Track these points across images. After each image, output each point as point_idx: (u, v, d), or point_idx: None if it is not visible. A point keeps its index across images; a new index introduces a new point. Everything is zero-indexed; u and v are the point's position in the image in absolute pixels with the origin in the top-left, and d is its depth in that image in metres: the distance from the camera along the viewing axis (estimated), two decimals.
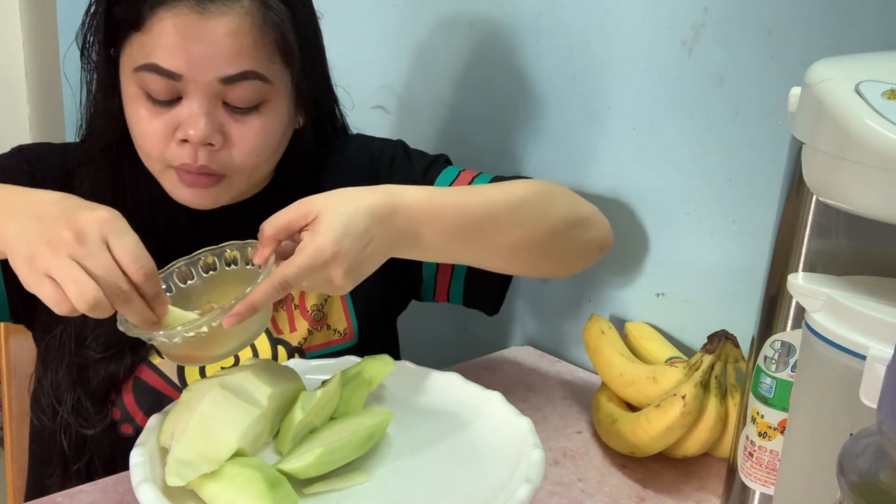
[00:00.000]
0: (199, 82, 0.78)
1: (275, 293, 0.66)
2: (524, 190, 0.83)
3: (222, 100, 0.80)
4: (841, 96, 0.56)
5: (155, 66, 0.78)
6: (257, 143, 0.82)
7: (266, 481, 0.62)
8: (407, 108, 1.25)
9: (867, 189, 0.55)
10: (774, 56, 0.85)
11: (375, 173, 0.95)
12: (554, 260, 0.87)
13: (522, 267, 0.86)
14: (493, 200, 0.79)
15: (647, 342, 0.95)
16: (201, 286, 0.73)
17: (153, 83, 0.78)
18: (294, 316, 0.90)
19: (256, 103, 0.81)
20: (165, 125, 0.80)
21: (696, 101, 0.92)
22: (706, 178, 0.93)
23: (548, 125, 1.07)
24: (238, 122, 0.81)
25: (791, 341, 0.65)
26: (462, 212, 0.77)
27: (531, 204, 0.82)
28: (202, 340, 0.66)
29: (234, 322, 0.64)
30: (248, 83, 0.79)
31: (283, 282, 0.66)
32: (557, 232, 0.84)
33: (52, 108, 1.90)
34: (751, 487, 0.70)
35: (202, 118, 0.78)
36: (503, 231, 0.79)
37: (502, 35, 1.10)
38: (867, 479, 0.34)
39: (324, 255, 0.67)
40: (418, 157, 0.97)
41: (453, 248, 0.78)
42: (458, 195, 0.79)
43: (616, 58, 0.99)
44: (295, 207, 0.70)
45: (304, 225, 0.69)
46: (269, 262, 0.68)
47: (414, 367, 0.82)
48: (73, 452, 0.85)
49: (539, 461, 0.66)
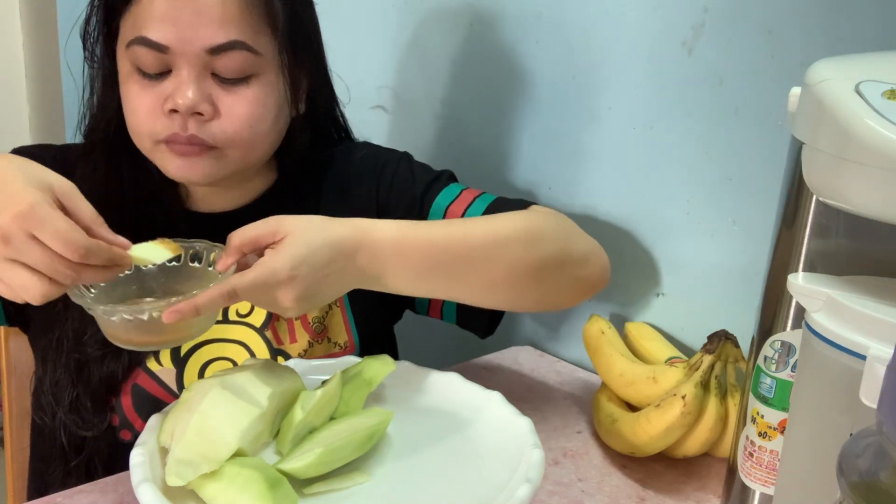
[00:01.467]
0: (187, 53, 0.79)
1: (221, 301, 0.67)
2: (511, 226, 0.81)
3: (211, 71, 0.80)
4: (841, 96, 0.56)
5: (144, 38, 0.79)
6: (248, 112, 0.81)
7: (266, 481, 0.62)
8: (407, 108, 1.25)
9: (867, 189, 0.55)
10: (774, 56, 0.85)
11: (377, 184, 0.95)
12: (538, 298, 0.84)
13: (502, 304, 0.84)
14: (470, 239, 0.78)
15: (647, 342, 0.95)
16: (159, 273, 0.73)
17: (143, 57, 0.79)
18: (295, 327, 0.90)
19: (246, 75, 0.81)
20: (154, 99, 0.80)
21: (696, 101, 0.92)
22: (706, 178, 0.93)
23: (548, 125, 1.07)
24: (228, 92, 0.81)
25: (791, 341, 0.65)
26: (433, 251, 0.76)
27: (514, 243, 0.79)
28: (139, 326, 0.66)
29: (174, 319, 0.65)
30: (236, 53, 0.80)
31: (231, 291, 0.67)
32: (541, 271, 0.81)
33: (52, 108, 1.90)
34: (751, 487, 0.70)
35: (190, 86, 0.79)
36: (479, 270, 0.78)
37: (502, 35, 1.10)
38: (867, 479, 0.34)
39: (277, 277, 0.68)
40: (422, 172, 0.96)
41: (423, 285, 0.77)
42: (433, 232, 0.77)
43: (616, 58, 0.99)
44: (265, 224, 0.71)
45: (271, 242, 0.70)
46: (229, 272, 0.70)
47: (414, 367, 0.82)
48: (72, 451, 0.85)
49: (539, 461, 0.66)
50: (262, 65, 0.82)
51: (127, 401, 0.85)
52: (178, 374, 0.85)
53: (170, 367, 0.86)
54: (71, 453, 0.85)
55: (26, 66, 1.87)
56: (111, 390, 0.85)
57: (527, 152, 1.11)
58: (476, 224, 0.81)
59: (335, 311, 0.92)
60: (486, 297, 0.81)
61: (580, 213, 1.06)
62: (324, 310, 0.91)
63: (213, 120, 0.81)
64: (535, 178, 1.10)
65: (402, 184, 0.94)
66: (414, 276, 0.76)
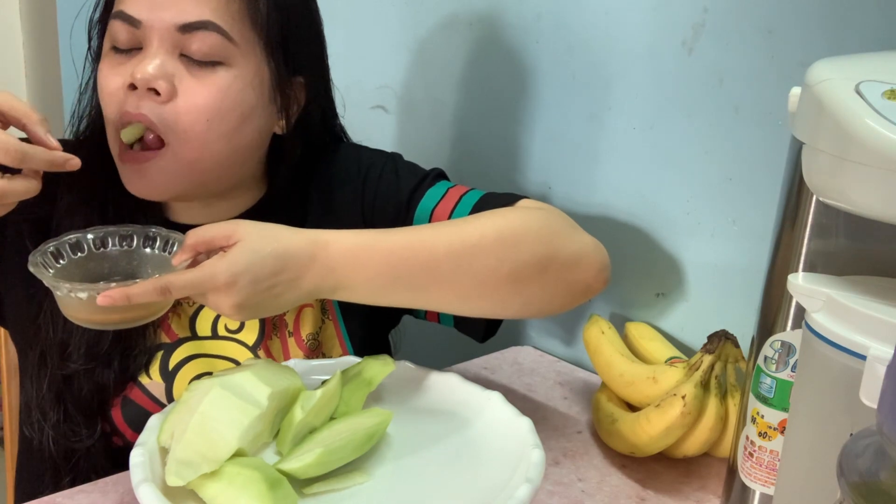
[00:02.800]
0: (157, 28, 0.77)
1: (153, 294, 0.67)
2: (481, 231, 0.76)
3: (180, 52, 0.78)
4: (841, 96, 0.56)
5: (120, 12, 0.78)
6: (207, 103, 0.78)
7: (266, 481, 0.62)
8: (407, 108, 1.25)
9: (867, 189, 0.55)
10: (774, 56, 0.85)
11: (362, 191, 0.92)
12: (520, 305, 0.79)
13: (480, 312, 0.79)
14: (434, 247, 0.74)
15: (647, 342, 0.95)
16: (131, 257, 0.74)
17: (118, 31, 0.79)
18: (289, 344, 0.89)
19: (214, 60, 0.78)
20: (121, 77, 0.78)
21: (696, 101, 0.92)
22: (706, 178, 0.93)
23: (548, 125, 1.07)
24: (192, 75, 0.78)
25: (791, 341, 0.65)
26: (392, 261, 0.73)
27: (483, 250, 0.74)
28: (81, 303, 0.67)
29: (106, 303, 0.65)
30: (208, 34, 0.77)
31: (165, 287, 0.67)
32: (520, 278, 0.75)
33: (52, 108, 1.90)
34: (751, 487, 0.70)
35: (151, 61, 0.77)
36: (446, 281, 0.74)
37: (502, 35, 1.10)
38: (867, 479, 0.34)
39: (214, 282, 0.67)
40: (408, 173, 0.92)
41: (386, 296, 0.75)
42: (395, 241, 0.74)
43: (616, 58, 0.99)
44: (222, 227, 0.70)
45: (225, 245, 0.70)
46: (180, 267, 0.70)
47: (414, 367, 0.82)
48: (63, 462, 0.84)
49: (539, 461, 0.66)
50: (236, 55, 0.79)
51: (117, 413, 0.84)
52: (168, 388, 0.84)
53: (159, 380, 0.85)
54: (62, 465, 0.84)
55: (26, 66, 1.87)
56: (102, 404, 0.84)
57: (527, 152, 1.11)
58: (443, 230, 0.77)
59: (328, 325, 0.91)
60: (462, 306, 0.77)
61: (580, 213, 1.06)
62: (317, 325, 0.90)
63: (169, 102, 0.77)
64: (535, 178, 1.10)
65: (387, 189, 0.91)
66: (374, 287, 0.74)
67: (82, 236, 0.73)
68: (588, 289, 0.80)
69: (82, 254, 0.73)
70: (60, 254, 0.71)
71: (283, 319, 0.89)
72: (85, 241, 0.73)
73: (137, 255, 0.74)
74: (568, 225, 0.81)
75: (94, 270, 0.73)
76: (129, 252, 0.74)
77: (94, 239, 0.73)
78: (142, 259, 0.74)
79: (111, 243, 0.74)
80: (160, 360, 0.86)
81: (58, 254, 0.71)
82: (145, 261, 0.74)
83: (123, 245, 0.74)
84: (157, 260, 0.74)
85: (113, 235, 0.74)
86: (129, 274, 0.74)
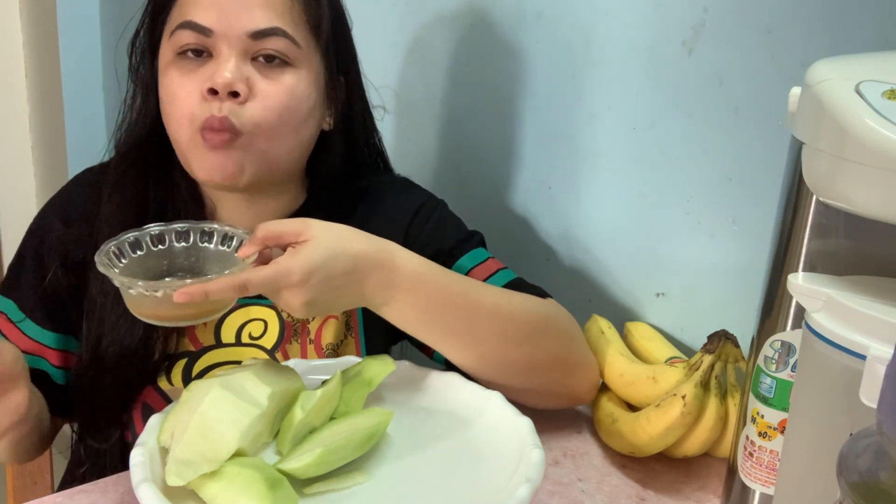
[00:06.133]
0: (229, 36, 0.81)
1: (231, 291, 0.67)
2: (525, 310, 0.81)
3: (251, 56, 0.82)
4: (841, 96, 0.56)
5: (189, 22, 0.82)
6: (281, 100, 0.82)
7: (266, 481, 0.62)
8: (407, 108, 1.25)
9: (867, 189, 0.55)
10: (774, 56, 0.85)
11: (407, 227, 0.93)
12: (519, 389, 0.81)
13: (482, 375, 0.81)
14: (482, 303, 0.78)
15: (647, 342, 0.95)
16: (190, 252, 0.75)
17: (186, 39, 0.82)
18: (308, 351, 0.90)
19: (284, 63, 0.83)
20: (194, 83, 0.81)
21: (696, 101, 0.92)
22: (706, 178, 0.93)
23: (548, 125, 1.07)
24: (265, 77, 0.82)
25: (791, 341, 0.66)
26: (445, 300, 0.76)
27: (520, 326, 0.80)
28: (156, 302, 0.68)
29: (184, 299, 0.66)
30: (277, 39, 0.82)
31: (243, 284, 0.68)
32: (534, 366, 0.81)
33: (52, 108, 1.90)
34: (751, 487, 0.70)
35: (230, 66, 0.80)
36: (476, 338, 0.78)
37: (502, 35, 1.10)
38: (867, 478, 0.34)
39: (290, 279, 0.69)
40: (454, 225, 0.95)
41: (422, 327, 0.77)
42: (452, 282, 0.78)
43: (616, 58, 0.98)
44: (293, 222, 0.72)
45: (294, 241, 0.71)
46: (249, 259, 0.71)
47: (414, 367, 0.82)
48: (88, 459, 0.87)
49: (539, 461, 0.66)
50: (300, 58, 0.84)
51: (138, 417, 0.86)
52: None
53: (180, 386, 0.86)
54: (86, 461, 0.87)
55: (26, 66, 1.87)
56: (122, 406, 0.86)
57: (527, 152, 1.11)
58: (491, 291, 0.81)
59: (349, 341, 0.92)
60: (474, 363, 0.80)
61: (580, 213, 1.06)
62: (338, 338, 0.91)
63: (246, 102, 0.81)
64: (536, 178, 1.10)
65: (432, 233, 0.93)
66: (418, 316, 0.76)
67: (140, 234, 0.73)
68: (576, 398, 0.89)
69: (141, 252, 0.73)
70: (122, 253, 0.72)
71: (305, 326, 0.90)
72: (143, 239, 0.74)
73: (195, 250, 0.75)
74: (581, 336, 0.87)
75: (153, 268, 0.73)
76: (187, 248, 0.75)
77: (152, 236, 0.74)
78: (201, 255, 0.75)
79: (168, 240, 0.74)
80: (184, 367, 0.87)
81: (119, 253, 0.72)
82: (206, 256, 0.75)
83: (180, 242, 0.75)
84: (218, 255, 0.74)
85: (170, 232, 0.74)
86: (190, 270, 0.74)
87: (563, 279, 1.09)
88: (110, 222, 0.86)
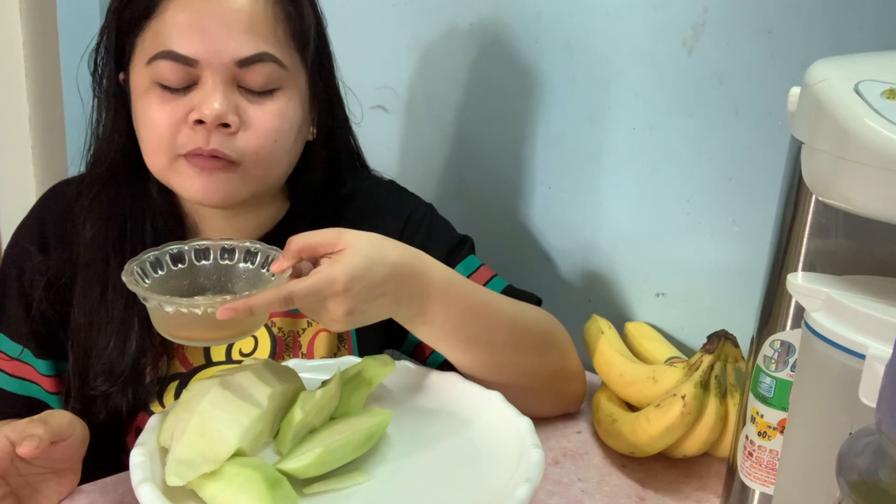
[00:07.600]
0: (215, 65, 0.77)
1: (276, 304, 0.66)
2: (532, 319, 0.83)
3: (237, 84, 0.79)
4: (840, 96, 0.56)
5: (170, 52, 0.77)
6: (273, 126, 0.80)
7: (266, 481, 0.62)
8: (407, 108, 1.25)
9: (867, 189, 0.55)
10: (774, 56, 0.85)
11: (402, 227, 0.93)
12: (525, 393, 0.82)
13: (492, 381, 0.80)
14: (501, 314, 0.79)
15: (647, 342, 0.95)
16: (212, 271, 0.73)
17: (168, 71, 0.78)
18: None
19: (272, 88, 0.80)
20: (177, 110, 0.78)
21: (696, 101, 0.92)
22: (706, 178, 0.93)
23: (548, 125, 1.07)
24: (254, 104, 0.80)
25: (791, 341, 0.66)
26: (470, 310, 0.76)
27: (533, 338, 0.82)
28: (193, 320, 0.66)
29: (228, 316, 0.64)
30: (264, 66, 0.79)
31: (288, 296, 0.66)
32: (540, 374, 0.84)
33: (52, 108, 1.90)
34: (750, 487, 0.70)
35: (217, 97, 0.77)
36: (494, 347, 0.79)
37: (502, 35, 1.10)
38: (866, 478, 0.34)
39: (333, 287, 0.67)
40: (446, 233, 0.95)
41: (449, 337, 0.77)
42: (476, 293, 0.78)
43: (616, 58, 0.99)
44: (327, 233, 0.70)
45: (329, 252, 0.69)
46: (284, 275, 0.69)
47: (414, 367, 0.82)
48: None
49: (539, 461, 0.66)
50: (288, 79, 0.81)
51: (132, 442, 0.84)
52: None
53: None
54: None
55: (26, 66, 1.87)
56: (115, 433, 0.85)
57: (527, 152, 1.11)
58: (508, 303, 0.82)
59: (342, 354, 0.91)
60: (486, 373, 0.80)
61: (580, 213, 1.06)
62: (331, 351, 0.91)
63: (237, 133, 0.79)
64: (535, 178, 1.10)
65: (424, 241, 0.90)
66: (447, 327, 0.76)
67: (160, 253, 0.71)
68: (568, 405, 0.91)
69: (162, 272, 0.71)
70: (145, 272, 0.70)
71: (297, 340, 0.90)
72: (163, 258, 0.72)
73: (218, 269, 0.73)
74: (571, 344, 0.88)
75: (174, 288, 0.71)
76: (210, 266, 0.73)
77: (172, 255, 0.72)
78: (226, 273, 0.73)
79: (188, 259, 0.72)
80: (176, 389, 0.86)
81: (143, 273, 0.70)
82: (233, 274, 0.73)
83: (201, 260, 0.73)
84: (245, 272, 0.73)
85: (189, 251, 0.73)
86: (216, 289, 0.73)
87: (563, 279, 1.09)
88: (89, 248, 0.84)
